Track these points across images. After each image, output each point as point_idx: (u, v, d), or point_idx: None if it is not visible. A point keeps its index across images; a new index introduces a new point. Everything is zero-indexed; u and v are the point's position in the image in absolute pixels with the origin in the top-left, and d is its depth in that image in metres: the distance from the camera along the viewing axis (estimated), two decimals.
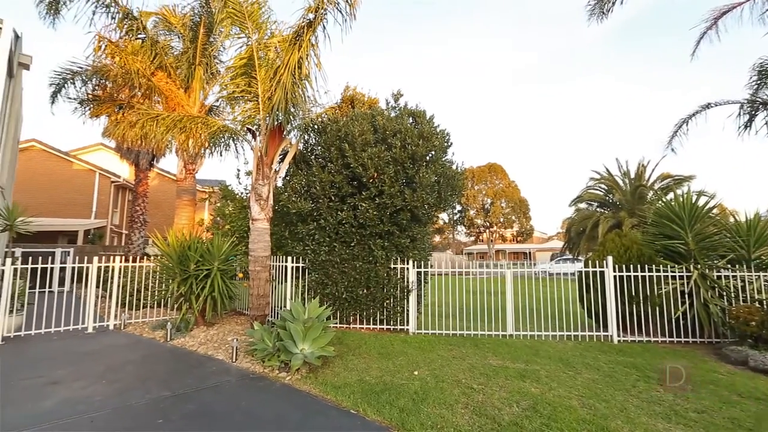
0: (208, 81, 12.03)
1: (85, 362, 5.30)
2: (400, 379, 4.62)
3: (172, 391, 4.24)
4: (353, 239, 7.24)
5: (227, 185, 10.50)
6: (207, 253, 7.17)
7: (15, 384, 4.41)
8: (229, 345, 5.95)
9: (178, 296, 7.09)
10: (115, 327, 7.39)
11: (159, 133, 7.35)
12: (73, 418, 3.54)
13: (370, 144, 7.24)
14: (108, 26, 10.23)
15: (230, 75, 7.88)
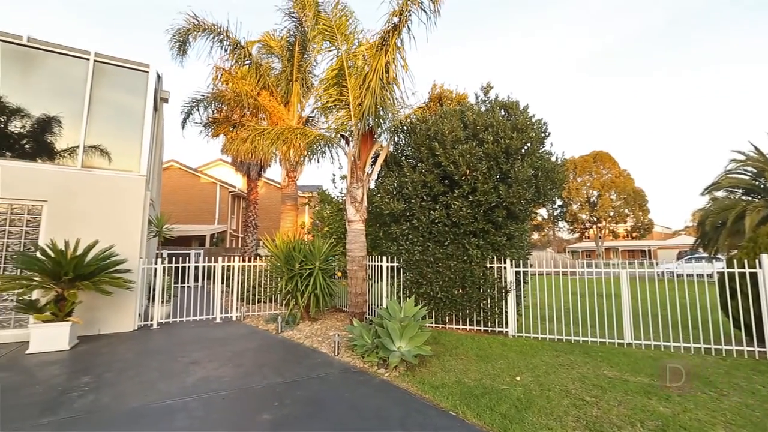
0: (304, 94, 13.03)
1: (216, 347, 6.13)
2: (501, 384, 4.41)
3: (284, 378, 4.66)
4: (447, 238, 7.14)
5: (324, 190, 11.25)
6: (309, 254, 7.76)
7: (169, 361, 5.30)
8: (331, 339, 6.34)
9: (286, 293, 7.80)
10: (237, 318, 8.43)
11: (265, 146, 8.16)
12: (209, 394, 4.12)
13: (460, 141, 7.07)
14: (222, 57, 11.82)
15: (323, 87, 8.39)
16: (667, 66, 76.94)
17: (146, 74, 8.16)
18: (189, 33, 11.04)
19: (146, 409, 3.74)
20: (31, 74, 7.38)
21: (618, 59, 79.45)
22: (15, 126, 7.21)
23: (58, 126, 7.46)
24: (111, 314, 7.10)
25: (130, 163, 7.79)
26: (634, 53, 75.42)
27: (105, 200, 7.34)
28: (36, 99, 7.32)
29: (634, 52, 75.59)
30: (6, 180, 6.71)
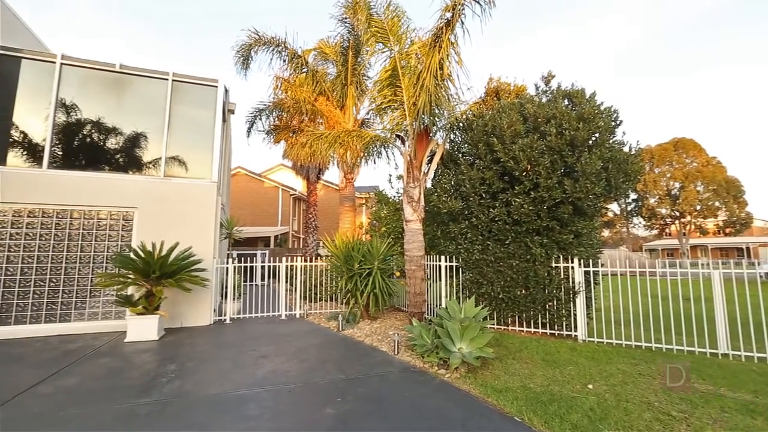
0: (359, 97, 13.28)
1: (282, 343, 6.46)
2: (571, 391, 4.13)
3: (346, 374, 4.79)
4: (508, 237, 6.87)
5: (381, 190, 11.39)
6: (368, 254, 7.89)
7: (241, 354, 5.69)
8: (390, 338, 6.39)
9: (346, 292, 8.01)
10: (300, 316, 8.83)
11: (323, 149, 8.44)
12: (277, 387, 4.35)
13: (520, 135, 6.76)
14: (281, 68, 12.48)
15: (377, 88, 8.48)
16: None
17: (215, 89, 8.84)
18: (251, 47, 11.78)
19: (223, 397, 4.05)
20: (122, 96, 8.34)
21: (695, 40, 70.99)
22: (111, 143, 8.20)
23: (145, 140, 8.35)
24: (191, 309, 7.80)
25: (203, 171, 8.49)
26: (714, 35, 66.84)
27: (183, 205, 8.07)
28: (126, 118, 8.26)
29: (713, 35, 66.98)
30: (106, 190, 7.66)
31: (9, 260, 7.07)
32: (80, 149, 7.98)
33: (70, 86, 7.90)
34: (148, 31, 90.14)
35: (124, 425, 3.42)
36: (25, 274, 7.13)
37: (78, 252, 7.47)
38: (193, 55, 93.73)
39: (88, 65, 8.01)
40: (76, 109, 7.94)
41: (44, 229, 7.33)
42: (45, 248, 7.29)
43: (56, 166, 7.59)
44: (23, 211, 7.25)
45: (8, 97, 7.49)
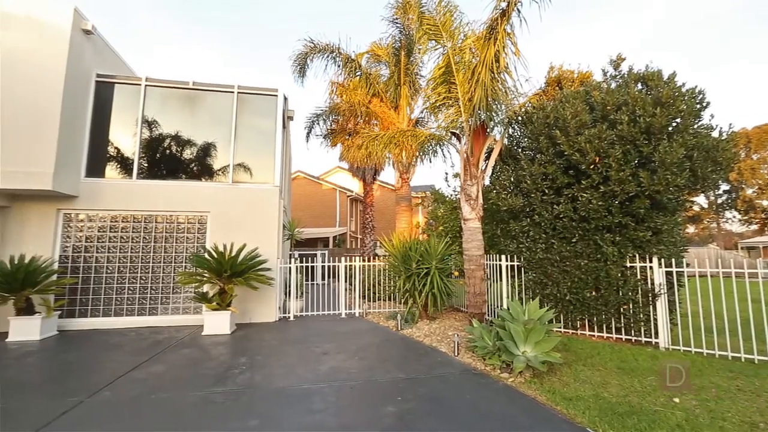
0: (412, 97, 13.27)
1: (342, 340, 6.64)
2: (653, 404, 3.76)
3: (405, 374, 4.79)
4: (574, 235, 6.44)
5: (437, 189, 11.26)
6: (425, 253, 7.84)
7: (305, 350, 5.95)
8: (450, 339, 6.29)
9: (404, 291, 8.02)
10: (359, 315, 9.00)
11: (378, 150, 8.54)
12: (339, 383, 4.47)
13: (586, 125, 6.30)
14: (335, 73, 12.87)
15: (431, 86, 8.40)
16: None
17: (275, 98, 9.33)
18: (307, 56, 12.28)
19: (289, 390, 4.26)
20: (194, 110, 9.12)
21: None
22: (186, 153, 9.01)
23: (214, 150, 9.06)
24: (258, 306, 8.30)
25: (266, 176, 9.00)
26: None
27: (249, 209, 8.62)
28: (199, 130, 9.03)
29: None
30: (183, 197, 8.43)
31: (109, 260, 8.06)
32: (162, 160, 8.87)
33: (152, 104, 8.81)
34: (207, 41, 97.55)
35: (204, 411, 3.73)
36: (121, 272, 8.08)
37: (162, 253, 8.30)
38: (252, 63, 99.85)
39: (166, 85, 8.87)
40: (157, 125, 8.83)
41: (135, 233, 8.24)
42: (136, 249, 8.20)
43: (143, 177, 8.50)
44: (119, 217, 8.22)
45: (105, 118, 8.53)
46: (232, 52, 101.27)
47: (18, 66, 7.29)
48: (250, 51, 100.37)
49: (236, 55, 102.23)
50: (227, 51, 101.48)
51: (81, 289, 7.87)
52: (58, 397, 4.10)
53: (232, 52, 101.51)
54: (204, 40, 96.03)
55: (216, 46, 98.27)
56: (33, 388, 4.48)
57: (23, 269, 6.75)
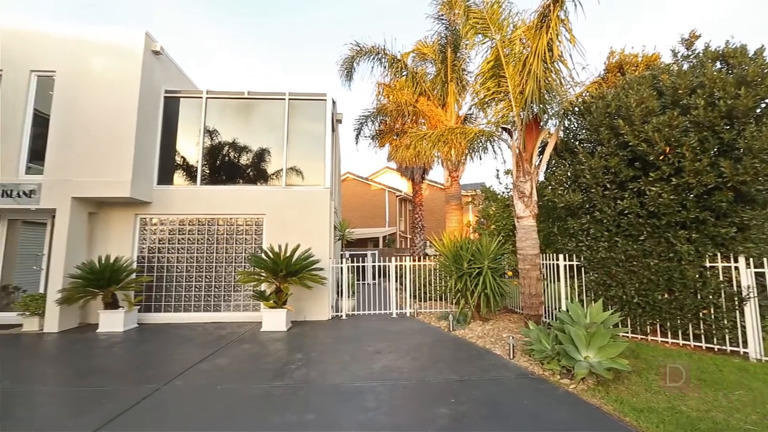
0: (460, 93, 13.01)
1: (394, 340, 6.66)
2: (742, 422, 3.35)
3: (458, 375, 4.69)
4: (642, 232, 5.94)
5: (488, 187, 10.95)
6: (477, 253, 7.65)
7: (357, 348, 6.05)
8: (504, 341, 6.07)
9: (456, 292, 7.88)
10: (410, 314, 8.99)
11: (427, 149, 8.45)
12: (391, 382, 4.49)
13: (654, 112, 5.79)
14: (382, 74, 12.95)
15: (479, 81, 8.15)
16: None
17: (324, 102, 9.59)
18: (353, 59, 12.48)
19: (343, 387, 4.35)
20: (249, 118, 9.65)
21: None
22: (243, 159, 9.55)
23: (268, 155, 9.51)
24: (312, 305, 8.58)
25: (317, 179, 9.28)
26: None
27: (302, 210, 8.94)
28: (253, 136, 9.53)
29: None
30: (241, 200, 8.95)
31: (178, 260, 8.76)
32: (221, 167, 9.48)
33: (212, 115, 9.45)
34: (253, 49, 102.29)
35: (265, 402, 3.92)
36: (189, 271, 8.75)
37: (224, 253, 8.87)
38: (300, 68, 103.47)
39: (224, 96, 9.48)
40: (217, 134, 9.46)
41: (200, 235, 8.88)
42: (201, 250, 8.84)
43: (206, 183, 9.15)
44: (185, 221, 8.90)
45: (172, 130, 9.30)
46: (280, 58, 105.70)
47: (101, 88, 8.18)
48: (298, 57, 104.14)
49: (284, 61, 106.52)
50: (275, 58, 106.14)
51: (155, 287, 8.64)
52: (139, 383, 4.53)
53: (280, 58, 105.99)
54: (250, 48, 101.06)
55: (263, 54, 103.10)
56: (120, 374, 5.00)
57: (109, 268, 7.54)
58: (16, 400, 4.10)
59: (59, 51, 8.27)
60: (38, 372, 5.23)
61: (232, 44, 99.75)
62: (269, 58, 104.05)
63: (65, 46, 8.30)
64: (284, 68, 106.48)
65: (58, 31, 8.42)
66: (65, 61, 8.24)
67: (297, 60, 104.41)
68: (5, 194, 7.76)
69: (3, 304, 8.40)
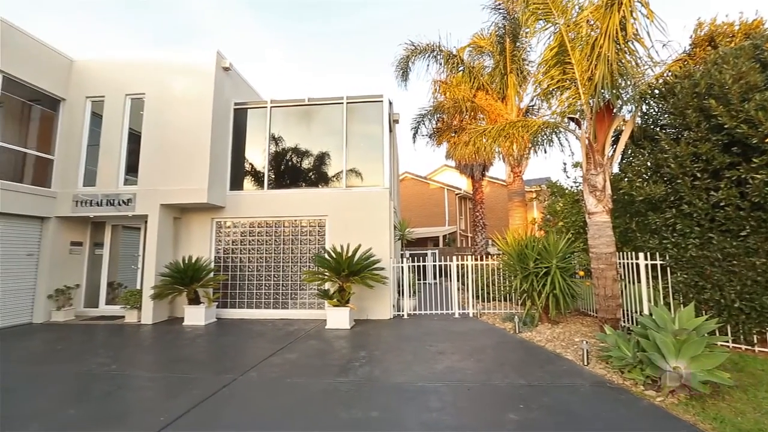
0: (520, 84, 12.42)
1: (457, 340, 6.53)
2: None
3: (526, 380, 4.46)
4: (744, 226, 5.18)
5: (554, 181, 10.29)
6: (544, 251, 7.23)
7: (420, 348, 6.02)
8: (577, 346, 5.67)
9: (521, 292, 7.51)
10: (473, 315, 8.75)
11: (487, 145, 8.17)
12: (455, 383, 4.39)
13: (756, 87, 5.03)
14: (437, 71, 12.77)
15: (542, 70, 7.70)
16: None
17: (381, 103, 9.69)
18: (408, 59, 12.44)
19: (406, 386, 4.35)
20: (310, 123, 10.06)
21: None
22: (305, 163, 9.98)
23: (328, 158, 9.84)
24: (374, 304, 8.71)
25: (376, 179, 9.40)
26: None
27: (362, 211, 9.12)
28: (314, 141, 9.93)
29: None
30: (304, 202, 9.36)
31: (249, 260, 9.40)
32: (285, 171, 9.99)
33: (276, 122, 10.01)
34: (306, 53, 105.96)
35: (331, 397, 4.05)
36: (259, 271, 9.35)
37: (290, 253, 9.34)
38: (354, 69, 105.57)
39: (286, 104, 9.98)
40: (281, 140, 10.00)
41: (268, 236, 9.45)
42: (269, 251, 9.40)
43: (272, 187, 9.71)
44: (255, 223, 9.53)
45: (241, 139, 10.01)
46: (334, 62, 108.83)
47: (181, 105, 9.08)
48: (352, 59, 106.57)
49: (339, 65, 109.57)
50: (329, 62, 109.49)
51: (230, 285, 9.36)
52: (219, 373, 4.93)
53: (334, 62, 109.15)
54: (305, 54, 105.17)
55: (318, 59, 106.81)
56: (203, 364, 5.50)
57: (191, 267, 8.32)
58: (122, 381, 4.67)
59: (147, 75, 9.33)
60: (138, 358, 5.92)
61: (286, 51, 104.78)
62: (323, 62, 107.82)
63: (151, 70, 9.35)
64: (340, 71, 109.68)
65: (146, 58, 9.53)
66: (152, 83, 9.27)
67: (351, 62, 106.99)
68: (109, 203, 8.92)
69: (110, 298, 9.67)
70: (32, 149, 9.06)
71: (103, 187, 9.06)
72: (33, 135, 9.26)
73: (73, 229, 9.49)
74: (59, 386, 4.61)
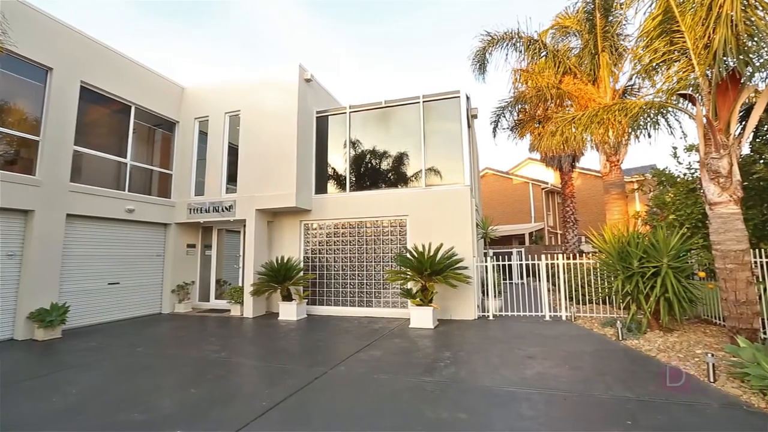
0: (615, 64, 11.18)
1: (549, 345, 6.08)
2: None
3: (634, 394, 3.96)
4: None
5: (662, 169, 9.02)
6: (651, 249, 6.37)
7: (507, 351, 5.74)
8: (699, 359, 4.89)
9: (624, 294, 6.72)
10: (566, 318, 8.07)
11: (577, 134, 7.49)
12: (549, 391, 4.07)
13: None
14: (517, 59, 12.04)
15: (642, 44, 6.81)
16: None
17: (458, 99, 9.46)
18: (485, 50, 11.94)
19: (494, 390, 4.16)
20: (387, 125, 10.23)
21: None
22: (384, 165, 10.17)
23: (406, 158, 9.90)
24: (457, 304, 8.53)
25: (456, 177, 9.20)
26: None
27: (443, 210, 8.99)
28: (392, 142, 10.07)
29: None
30: (385, 203, 9.55)
31: (334, 260, 9.89)
32: (365, 173, 10.30)
33: (355, 127, 10.36)
34: (376, 54, 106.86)
35: (417, 396, 4.04)
36: (344, 270, 9.78)
37: (372, 253, 9.60)
38: (428, 64, 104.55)
39: (364, 108, 10.29)
40: (360, 144, 10.33)
41: (351, 237, 9.83)
42: (353, 251, 9.77)
43: (353, 189, 10.09)
44: (339, 225, 9.99)
45: (324, 145, 10.58)
46: (408, 60, 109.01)
47: (269, 117, 9.94)
48: (426, 55, 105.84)
49: (413, 61, 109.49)
50: (403, 60, 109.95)
51: (318, 283, 9.94)
52: (311, 365, 5.26)
53: (407, 60, 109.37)
54: (376, 55, 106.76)
55: (391, 59, 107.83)
56: (296, 356, 5.92)
57: (283, 267, 9.02)
58: (230, 367, 5.25)
59: (240, 93, 10.41)
60: (242, 348, 6.59)
61: (361, 56, 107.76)
62: (397, 61, 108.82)
63: (243, 88, 10.41)
64: (415, 70, 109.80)
65: (239, 78, 10.68)
66: (245, 100, 10.31)
67: (426, 60, 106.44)
68: (214, 209, 10.10)
69: (218, 294, 10.95)
70: (156, 166, 10.65)
71: (209, 196, 10.30)
72: (157, 154, 10.89)
73: (188, 233, 10.94)
74: (183, 368, 5.35)
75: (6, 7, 6.61)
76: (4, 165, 7.15)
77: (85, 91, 8.52)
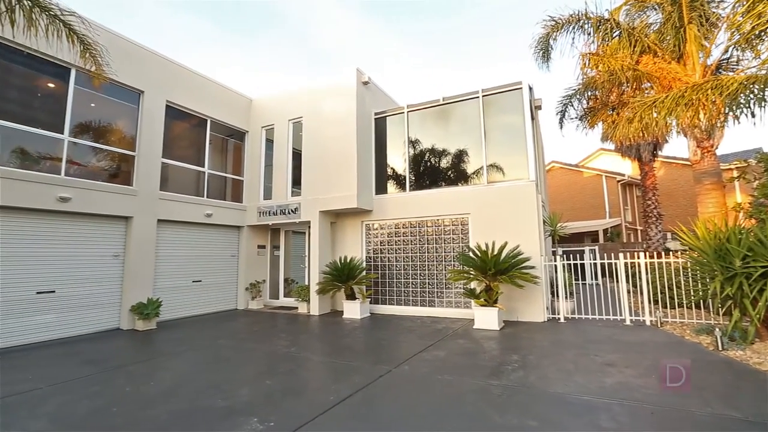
0: (705, 36, 9.86)
1: (630, 352, 5.53)
2: None
3: (742, 413, 3.44)
4: None
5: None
6: (758, 245, 5.50)
7: (582, 356, 5.33)
8: None
9: (724, 298, 5.90)
10: (651, 323, 7.29)
11: (660, 119, 6.79)
12: (633, 403, 3.69)
13: None
14: (585, 43, 11.10)
15: (741, 10, 5.97)
16: None
17: (520, 91, 9.00)
18: (549, 36, 11.18)
19: (568, 398, 3.88)
20: (446, 122, 10.05)
21: None
22: (443, 163, 10.01)
23: (466, 155, 9.65)
24: (524, 305, 8.12)
25: (520, 173, 8.77)
26: None
27: (506, 207, 8.62)
28: (451, 139, 9.87)
29: None
30: (445, 202, 9.39)
31: (396, 259, 9.94)
32: (425, 172, 10.21)
33: (413, 126, 10.32)
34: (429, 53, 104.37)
35: (482, 399, 3.90)
36: (406, 269, 9.79)
37: (434, 252, 9.49)
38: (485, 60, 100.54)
39: (422, 107, 10.21)
40: (418, 143, 10.27)
41: (412, 236, 9.82)
42: (414, 250, 9.74)
43: (413, 189, 10.06)
44: (399, 224, 10.02)
45: (383, 145, 10.68)
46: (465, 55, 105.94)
47: (330, 122, 10.28)
48: (483, 50, 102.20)
49: (470, 57, 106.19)
50: (459, 56, 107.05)
51: (380, 282, 10.06)
52: (375, 363, 5.33)
53: (464, 55, 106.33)
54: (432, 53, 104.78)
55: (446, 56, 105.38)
56: (361, 353, 6.06)
57: (347, 266, 9.27)
58: (300, 362, 5.51)
59: (302, 101, 10.93)
60: (310, 344, 6.89)
61: (417, 54, 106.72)
62: (455, 60, 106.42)
63: (305, 96, 10.92)
64: (474, 65, 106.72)
65: (300, 86, 11.23)
66: (307, 106, 10.79)
67: (485, 54, 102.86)
68: (281, 212, 10.70)
69: (286, 292, 11.58)
70: (230, 173, 11.55)
71: (276, 200, 10.93)
72: (230, 162, 11.81)
73: (258, 235, 11.71)
74: (258, 360, 5.75)
75: (104, 39, 7.59)
76: (108, 178, 8.27)
77: (169, 109, 9.52)
